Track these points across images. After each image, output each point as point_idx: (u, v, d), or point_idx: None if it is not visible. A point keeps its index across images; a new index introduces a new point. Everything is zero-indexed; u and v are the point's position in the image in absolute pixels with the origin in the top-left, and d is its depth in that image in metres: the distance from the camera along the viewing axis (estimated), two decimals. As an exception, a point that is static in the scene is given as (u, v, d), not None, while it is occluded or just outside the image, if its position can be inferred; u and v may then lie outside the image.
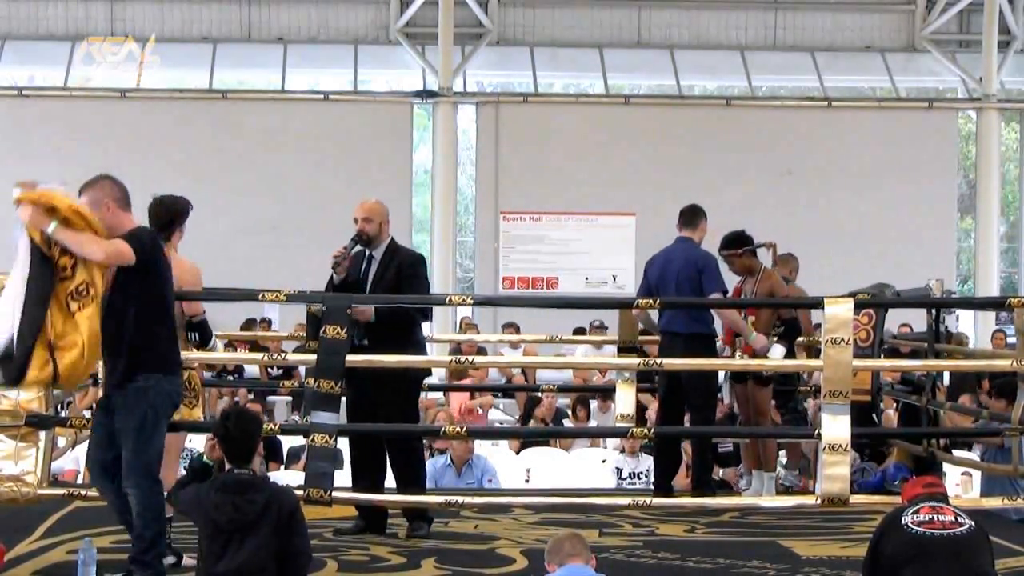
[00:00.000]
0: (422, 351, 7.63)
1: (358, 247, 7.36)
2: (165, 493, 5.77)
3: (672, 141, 20.41)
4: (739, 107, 20.90)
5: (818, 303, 7.00)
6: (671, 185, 20.06)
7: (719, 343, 8.70)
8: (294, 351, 11.14)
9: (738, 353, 8.76)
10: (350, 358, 6.80)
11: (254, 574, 5.07)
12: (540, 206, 20.29)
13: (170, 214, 6.49)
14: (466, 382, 13.49)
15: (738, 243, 8.79)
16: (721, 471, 10.60)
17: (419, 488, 7.36)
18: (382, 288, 7.23)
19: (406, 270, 7.33)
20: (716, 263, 8.43)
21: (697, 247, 8.54)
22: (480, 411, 13.91)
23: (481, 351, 14.11)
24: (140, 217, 6.14)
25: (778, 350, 8.49)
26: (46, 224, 5.66)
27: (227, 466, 5.36)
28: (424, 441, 9.16)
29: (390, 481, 7.52)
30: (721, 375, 8.76)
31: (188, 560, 6.11)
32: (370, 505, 7.26)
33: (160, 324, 5.82)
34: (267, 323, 17.27)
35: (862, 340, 8.47)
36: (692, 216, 8.68)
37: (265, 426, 7.54)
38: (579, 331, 14.50)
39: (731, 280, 8.91)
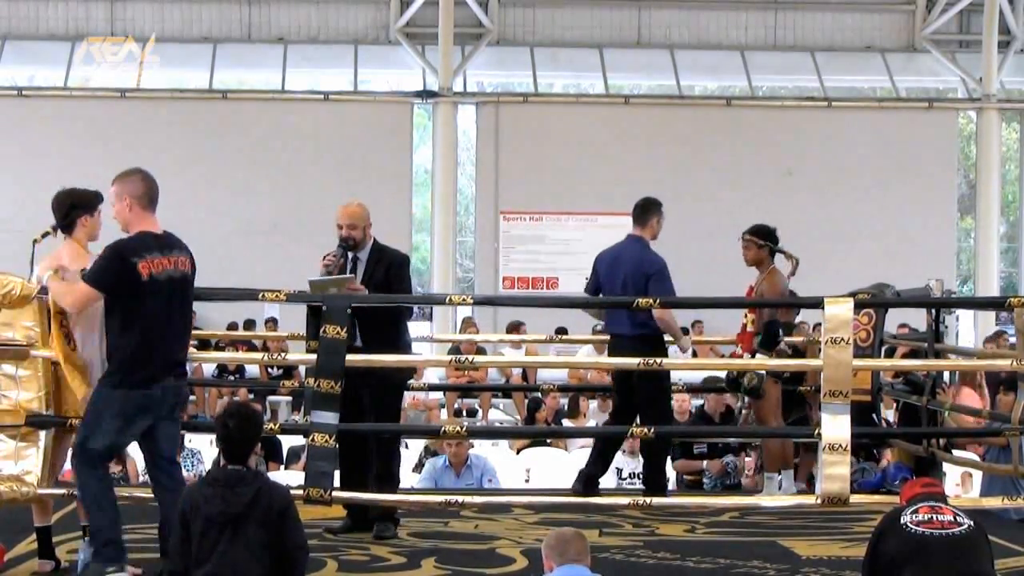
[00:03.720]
0: (408, 352, 7.60)
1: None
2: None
3: (672, 141, 20.42)
4: (739, 107, 20.91)
5: (818, 303, 6.99)
6: (671, 185, 20.05)
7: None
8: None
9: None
10: (347, 358, 6.79)
11: (247, 567, 5.09)
12: (540, 206, 20.31)
13: (64, 207, 6.25)
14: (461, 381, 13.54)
15: (756, 233, 8.70)
16: (705, 463, 10.62)
17: (394, 487, 7.36)
18: (373, 288, 7.23)
19: (395, 271, 7.36)
20: (664, 269, 8.27)
21: (647, 249, 8.39)
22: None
23: (480, 351, 14.12)
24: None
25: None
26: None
27: (222, 462, 5.40)
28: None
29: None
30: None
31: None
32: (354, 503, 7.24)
33: (122, 336, 5.87)
34: (273, 323, 17.26)
35: (862, 340, 8.45)
36: (643, 212, 8.50)
37: (265, 426, 7.57)
38: (560, 331, 14.44)
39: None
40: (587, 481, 8.35)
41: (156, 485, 6.05)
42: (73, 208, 6.24)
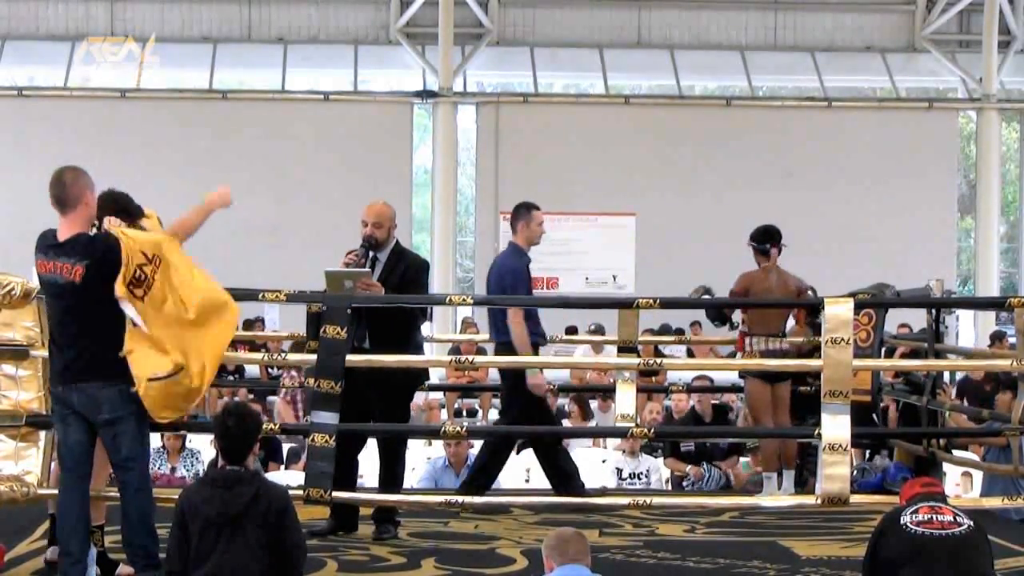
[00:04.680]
0: (420, 354, 7.61)
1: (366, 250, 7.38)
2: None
3: (672, 141, 20.41)
4: (739, 107, 20.91)
5: (818, 303, 7.00)
6: (671, 185, 20.10)
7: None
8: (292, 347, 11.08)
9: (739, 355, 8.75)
10: (350, 358, 6.79)
11: (246, 567, 5.10)
12: (540, 206, 20.28)
13: (108, 207, 6.14)
14: (463, 381, 13.52)
15: (751, 237, 8.71)
16: (688, 467, 10.63)
17: (397, 489, 7.35)
18: (388, 289, 7.21)
19: (411, 274, 7.34)
20: (515, 274, 8.13)
21: (508, 256, 8.31)
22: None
23: (481, 351, 14.11)
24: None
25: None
26: None
27: (220, 461, 5.40)
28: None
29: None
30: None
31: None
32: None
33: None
34: (261, 323, 17.20)
35: (862, 340, 8.45)
36: (512, 217, 8.50)
37: (265, 426, 7.57)
38: (571, 330, 14.46)
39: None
40: (476, 485, 8.14)
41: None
42: (118, 212, 6.21)
